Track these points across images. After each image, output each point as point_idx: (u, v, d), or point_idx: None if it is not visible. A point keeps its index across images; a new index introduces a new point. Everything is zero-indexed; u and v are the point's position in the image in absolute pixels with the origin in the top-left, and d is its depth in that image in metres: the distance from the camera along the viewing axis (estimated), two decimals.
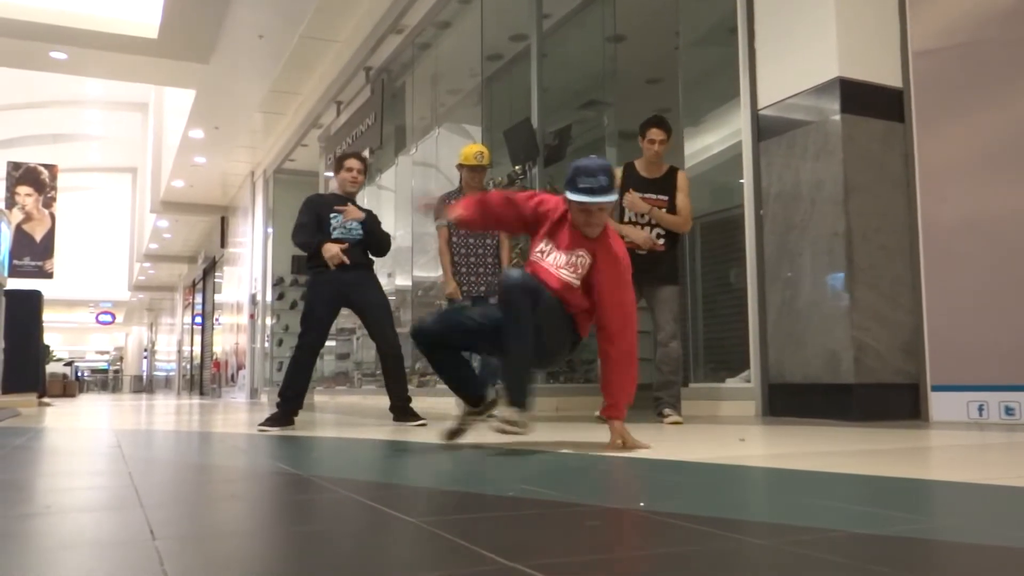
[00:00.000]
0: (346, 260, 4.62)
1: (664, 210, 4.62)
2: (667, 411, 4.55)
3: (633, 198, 4.60)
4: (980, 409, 3.99)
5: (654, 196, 4.64)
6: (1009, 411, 3.88)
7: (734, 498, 1.81)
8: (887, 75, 4.57)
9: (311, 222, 4.73)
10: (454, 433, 3.21)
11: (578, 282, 2.94)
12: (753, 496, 1.86)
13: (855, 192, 4.39)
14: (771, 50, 4.93)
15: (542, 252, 3.03)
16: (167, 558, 1.20)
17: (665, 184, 4.68)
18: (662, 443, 3.16)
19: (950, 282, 4.22)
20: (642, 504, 1.62)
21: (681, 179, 4.72)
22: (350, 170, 4.84)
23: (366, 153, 10.05)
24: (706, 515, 1.52)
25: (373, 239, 4.80)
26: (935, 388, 4.14)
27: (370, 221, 4.81)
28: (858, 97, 4.45)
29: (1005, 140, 4.21)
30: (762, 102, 4.95)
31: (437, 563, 1.16)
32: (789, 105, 4.74)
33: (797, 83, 4.69)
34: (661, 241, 4.63)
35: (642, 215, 4.64)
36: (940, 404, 4.15)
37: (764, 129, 4.92)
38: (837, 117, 4.42)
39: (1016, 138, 4.18)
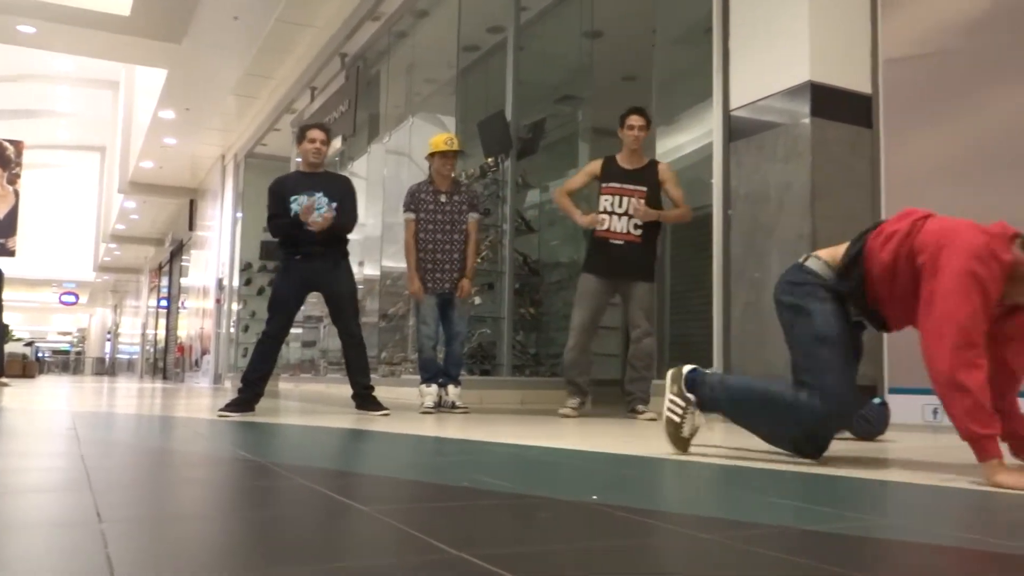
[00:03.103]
0: (328, 220, 4.56)
1: (643, 201, 4.66)
2: (640, 407, 4.59)
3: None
4: (934, 412, 4.06)
5: (632, 186, 4.69)
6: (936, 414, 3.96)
7: (687, 493, 1.82)
8: (857, 81, 4.62)
9: (282, 212, 4.68)
10: None
11: None
12: (706, 491, 1.88)
13: (822, 196, 4.44)
14: (745, 52, 4.96)
15: None
16: (112, 540, 1.19)
17: (644, 175, 4.72)
18: (621, 437, 3.18)
19: None
20: (595, 497, 1.63)
21: (664, 170, 4.78)
22: (312, 141, 4.75)
23: (338, 141, 9.98)
24: (658, 509, 1.53)
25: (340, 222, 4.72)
26: (892, 391, 4.20)
27: (341, 213, 4.73)
28: (828, 102, 4.50)
29: (971, 149, 4.28)
30: (734, 103, 4.98)
31: (386, 551, 1.15)
32: (761, 107, 4.78)
33: (769, 85, 4.73)
34: (638, 232, 4.67)
35: (620, 205, 4.69)
36: (897, 407, 4.21)
37: (735, 130, 4.96)
38: (807, 121, 4.46)
39: (981, 147, 4.25)
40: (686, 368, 2.61)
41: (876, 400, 3.40)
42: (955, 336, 2.03)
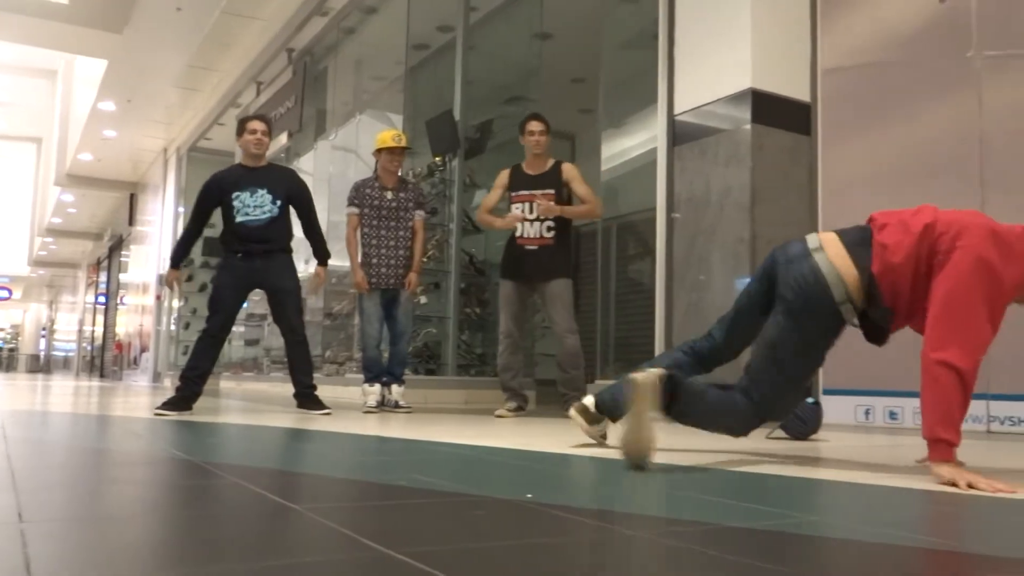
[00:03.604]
0: (179, 287, 4.83)
1: (552, 202, 4.70)
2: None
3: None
4: (866, 413, 4.19)
5: (540, 192, 4.73)
6: (893, 415, 4.08)
7: (621, 492, 1.85)
8: (796, 89, 4.74)
9: (200, 223, 4.69)
10: None
11: None
12: (640, 490, 1.91)
13: (761, 200, 4.53)
14: (689, 58, 5.04)
15: None
16: (32, 541, 1.16)
17: (549, 178, 4.77)
18: (560, 437, 3.20)
19: None
20: (530, 495, 1.65)
21: (568, 170, 4.82)
22: (253, 132, 4.67)
23: (284, 137, 9.85)
24: (590, 507, 1.55)
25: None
26: (826, 392, 4.31)
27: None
28: (768, 109, 4.60)
29: (904, 157, 4.42)
30: (679, 108, 5.06)
31: (314, 550, 1.15)
32: (704, 112, 4.86)
33: (712, 91, 4.81)
34: (551, 234, 4.71)
35: (531, 212, 4.74)
36: (830, 407, 4.32)
37: (679, 134, 5.03)
38: (748, 127, 4.56)
39: (914, 156, 4.39)
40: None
41: (810, 400, 3.49)
42: (970, 336, 2.01)
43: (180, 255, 4.70)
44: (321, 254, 4.85)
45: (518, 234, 4.80)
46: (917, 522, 1.59)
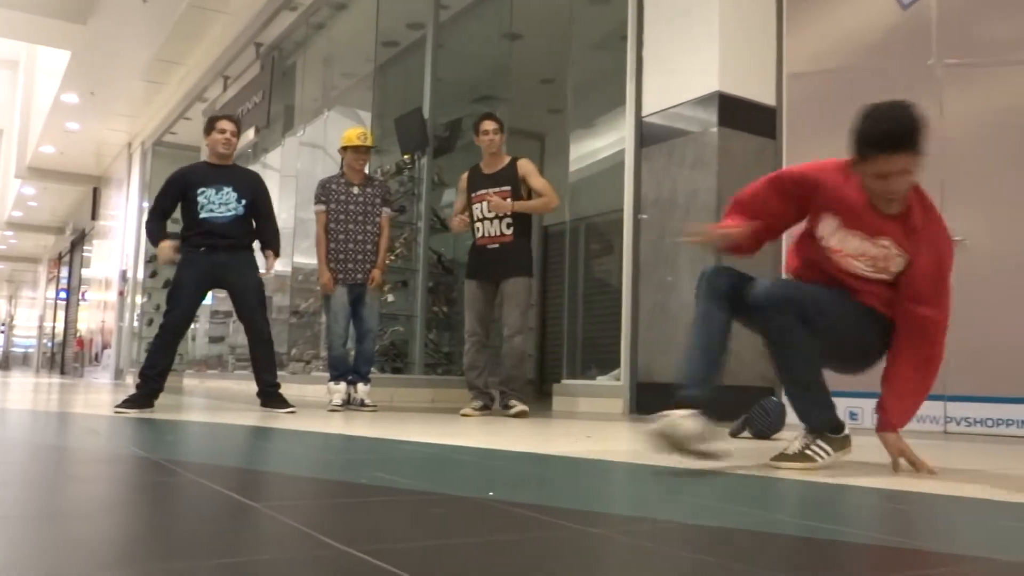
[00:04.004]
0: (175, 259, 4.50)
1: (508, 199, 4.70)
2: (512, 402, 4.63)
3: (496, 200, 4.68)
4: None
5: (496, 189, 4.75)
6: (853, 415, 4.15)
7: (585, 490, 1.86)
8: (762, 93, 4.79)
9: (165, 208, 4.57)
10: None
11: (881, 276, 2.28)
12: (603, 488, 1.92)
13: (727, 202, 4.57)
14: (657, 60, 5.08)
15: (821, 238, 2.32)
16: None
17: (505, 175, 4.78)
18: (525, 436, 3.21)
19: None
20: (491, 493, 1.65)
21: (523, 165, 4.83)
22: (223, 132, 4.61)
23: (251, 133, 9.75)
24: (552, 505, 1.56)
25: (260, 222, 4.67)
26: None
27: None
28: (735, 112, 4.65)
29: None
30: (646, 109, 5.10)
31: (268, 547, 1.14)
32: (671, 114, 4.90)
33: (680, 94, 4.85)
34: (510, 231, 4.72)
35: (488, 211, 4.75)
36: (792, 408, 4.38)
37: (647, 136, 5.07)
38: (715, 130, 4.60)
39: None
40: None
41: (774, 399, 3.53)
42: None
43: (159, 231, 4.53)
44: (274, 244, 4.73)
45: (479, 235, 4.81)
46: (878, 521, 1.62)
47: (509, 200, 4.70)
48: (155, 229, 4.55)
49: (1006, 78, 4.28)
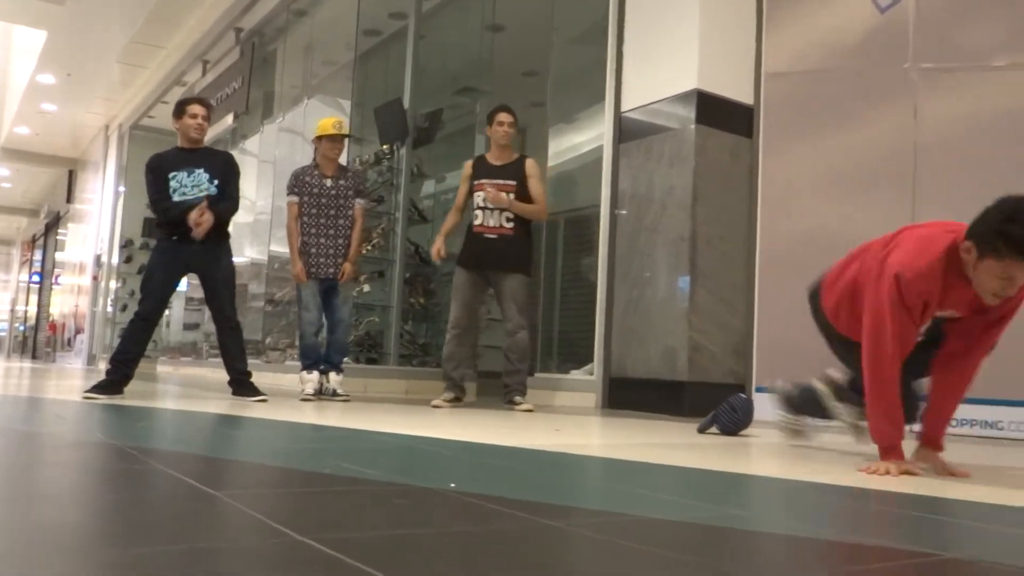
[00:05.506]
0: (210, 220, 4.37)
1: (512, 195, 4.69)
2: (517, 399, 4.64)
3: (493, 191, 4.66)
4: None
5: (502, 181, 4.72)
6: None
7: (548, 483, 1.87)
8: (740, 92, 4.81)
9: (161, 191, 4.48)
10: None
11: None
12: (567, 482, 1.93)
13: (702, 200, 4.60)
14: (637, 56, 5.09)
15: None
16: None
17: (512, 170, 4.77)
18: (494, 428, 3.22)
19: (780, 292, 4.50)
20: (453, 485, 1.65)
21: (531, 165, 4.81)
22: (194, 116, 4.53)
23: (229, 118, 9.67)
24: (514, 498, 1.56)
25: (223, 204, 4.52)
26: (759, 389, 4.41)
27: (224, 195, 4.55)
28: (712, 110, 4.67)
29: (843, 163, 4.54)
30: (625, 105, 5.11)
31: (221, 535, 1.14)
32: (650, 110, 4.91)
33: (659, 90, 4.86)
34: (511, 225, 4.70)
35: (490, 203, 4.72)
36: (762, 405, 4.42)
37: (625, 131, 5.08)
38: (692, 127, 4.62)
39: (853, 162, 4.51)
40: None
41: (742, 396, 3.56)
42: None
43: (174, 207, 4.38)
44: (219, 207, 4.46)
45: (477, 222, 4.77)
46: (844, 518, 1.64)
47: (505, 195, 4.68)
48: (171, 207, 4.41)
49: (980, 83, 4.33)
